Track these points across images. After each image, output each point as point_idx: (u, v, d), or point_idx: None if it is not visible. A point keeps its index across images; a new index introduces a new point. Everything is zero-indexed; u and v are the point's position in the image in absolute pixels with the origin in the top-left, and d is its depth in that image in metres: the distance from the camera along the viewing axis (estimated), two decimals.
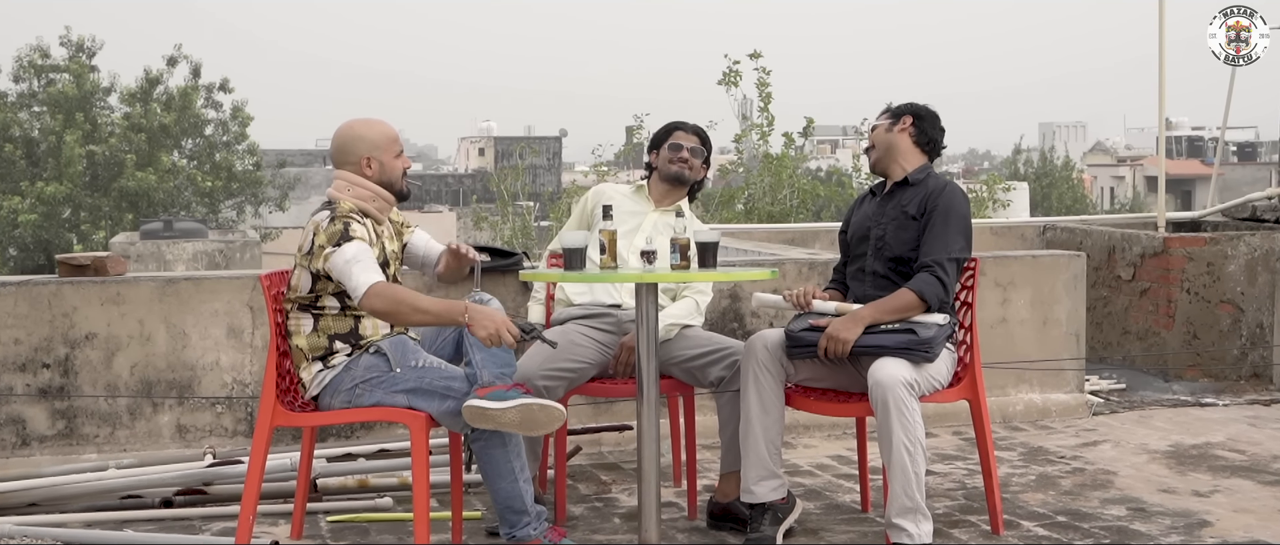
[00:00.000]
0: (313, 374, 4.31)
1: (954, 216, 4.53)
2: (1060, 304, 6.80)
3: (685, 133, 5.20)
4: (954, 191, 4.59)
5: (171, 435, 5.83)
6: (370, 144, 4.37)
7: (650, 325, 4.40)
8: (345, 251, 4.16)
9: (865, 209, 4.79)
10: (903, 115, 4.72)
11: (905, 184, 4.65)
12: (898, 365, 4.26)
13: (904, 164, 4.68)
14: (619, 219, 4.99)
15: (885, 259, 4.60)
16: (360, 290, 4.14)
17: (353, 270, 4.15)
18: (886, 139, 4.70)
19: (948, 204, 4.54)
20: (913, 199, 4.61)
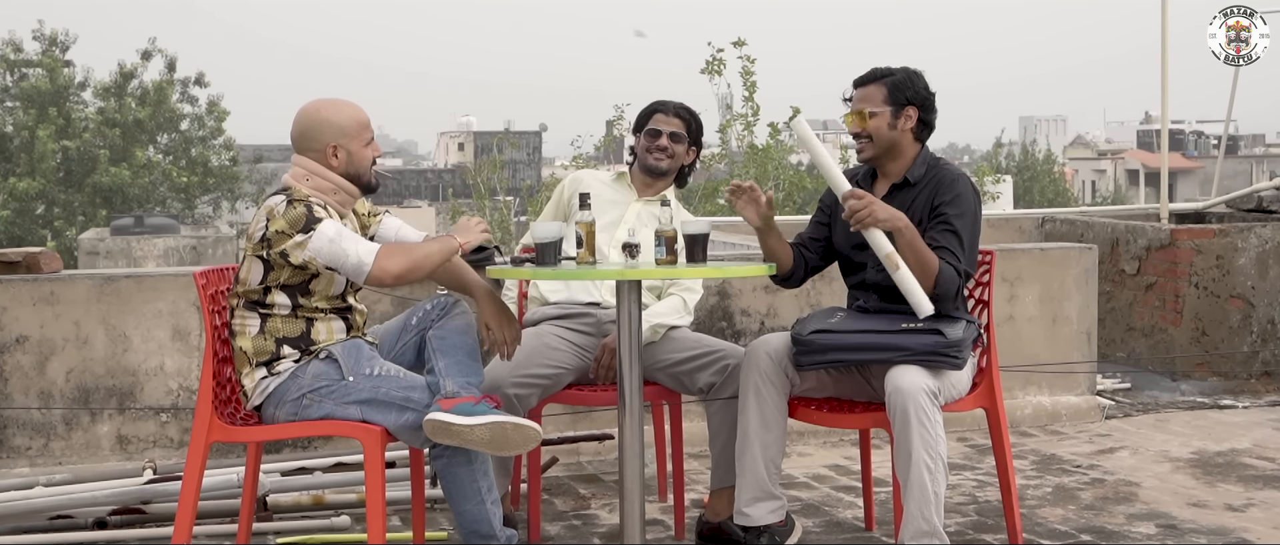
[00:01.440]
0: (255, 381, 3.84)
1: (967, 222, 3.99)
2: (1070, 300, 6.36)
3: (665, 115, 4.72)
4: (968, 190, 4.05)
5: (111, 447, 5.36)
6: (338, 130, 3.90)
7: (633, 326, 3.95)
8: (324, 231, 3.72)
9: None
10: (905, 106, 4.08)
11: (905, 184, 4.12)
12: (918, 372, 3.80)
13: (903, 161, 4.13)
14: (598, 209, 4.52)
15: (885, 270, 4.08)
16: (366, 262, 3.73)
17: (345, 247, 3.72)
18: (889, 136, 4.09)
19: (962, 206, 3.99)
20: (919, 202, 4.05)
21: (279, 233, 3.74)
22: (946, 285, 3.92)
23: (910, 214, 4.04)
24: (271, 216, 3.77)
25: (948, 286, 3.93)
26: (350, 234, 3.75)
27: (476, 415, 3.68)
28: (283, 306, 3.84)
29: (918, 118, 4.11)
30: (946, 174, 4.07)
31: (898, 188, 4.12)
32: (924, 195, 4.06)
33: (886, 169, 4.15)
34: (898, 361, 3.84)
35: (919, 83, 4.13)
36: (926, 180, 4.08)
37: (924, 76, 4.16)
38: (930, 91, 4.15)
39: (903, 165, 4.13)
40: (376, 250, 3.74)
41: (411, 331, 4.01)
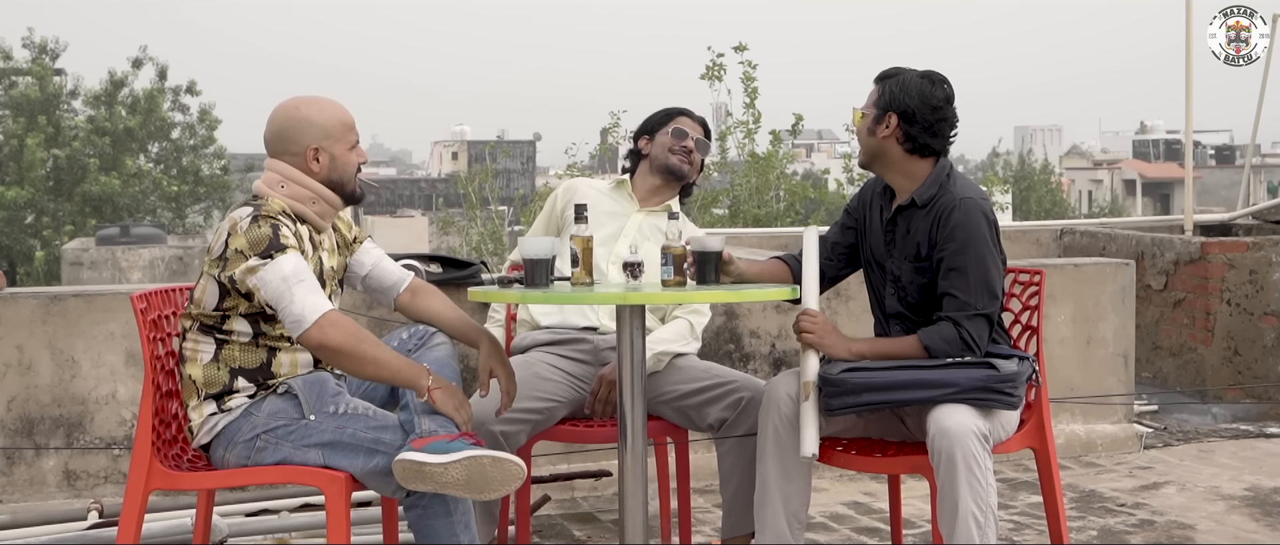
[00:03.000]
0: (203, 417, 3.35)
1: (974, 256, 3.47)
2: (1106, 321, 5.88)
3: (691, 120, 4.25)
4: (969, 218, 3.48)
5: (58, 484, 4.86)
6: (320, 131, 3.40)
7: (635, 356, 3.46)
8: (281, 266, 3.21)
9: (874, 222, 3.71)
10: (887, 112, 3.56)
11: (912, 205, 3.59)
12: (966, 412, 3.31)
13: (903, 178, 3.61)
14: (595, 221, 4.04)
15: (906, 304, 3.61)
16: (306, 320, 3.21)
17: (294, 293, 3.20)
18: (868, 143, 3.60)
19: (965, 238, 3.47)
20: (922, 228, 3.55)
21: (237, 252, 3.25)
22: (946, 353, 3.46)
23: (915, 243, 3.56)
24: (233, 232, 3.28)
25: (949, 352, 3.46)
26: (309, 281, 3.23)
27: (451, 452, 3.19)
28: (242, 334, 3.35)
29: (898, 126, 3.57)
30: (947, 199, 3.53)
31: (903, 210, 3.61)
32: (928, 224, 3.55)
33: (893, 183, 3.65)
34: (943, 400, 3.35)
35: (913, 89, 3.57)
36: (932, 204, 3.56)
37: (940, 85, 3.60)
38: (932, 103, 3.56)
39: (911, 182, 3.60)
40: (325, 312, 3.22)
41: None
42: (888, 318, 3.65)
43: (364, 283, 3.64)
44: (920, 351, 3.47)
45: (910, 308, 3.60)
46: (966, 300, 3.46)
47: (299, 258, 3.25)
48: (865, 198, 3.79)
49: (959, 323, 3.46)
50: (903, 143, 3.58)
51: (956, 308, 3.47)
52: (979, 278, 3.47)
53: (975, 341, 3.46)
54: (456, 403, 3.30)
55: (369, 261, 3.62)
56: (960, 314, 3.46)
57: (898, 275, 3.62)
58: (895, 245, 3.63)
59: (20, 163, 33.27)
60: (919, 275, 3.56)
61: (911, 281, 3.58)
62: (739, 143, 14.50)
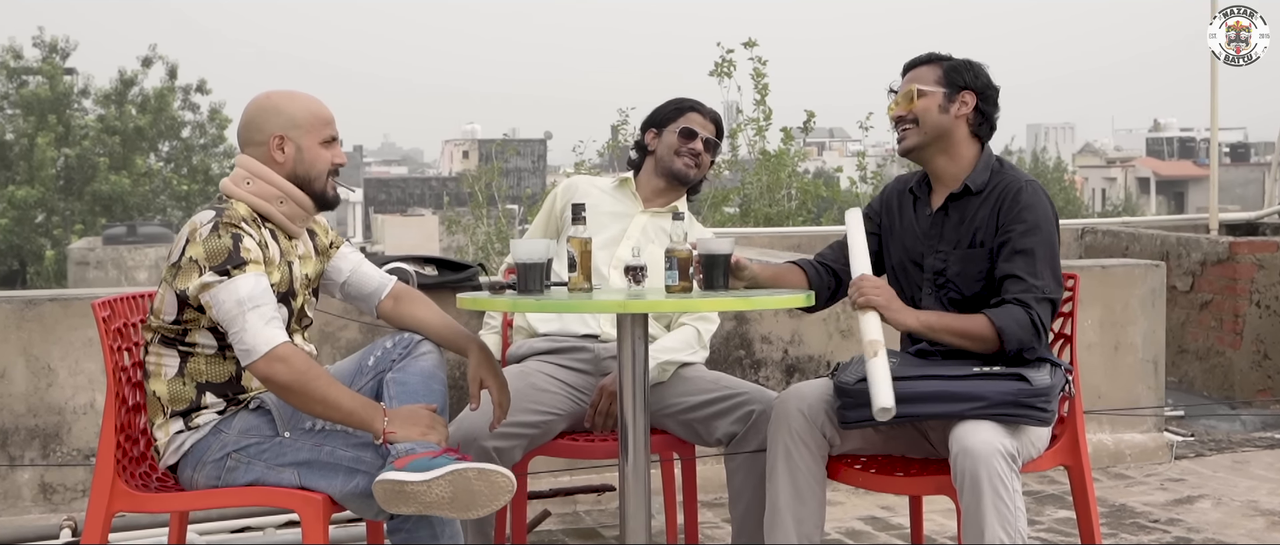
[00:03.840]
0: (169, 435, 3.10)
1: (1043, 239, 3.27)
2: (1135, 325, 5.61)
3: (702, 116, 3.95)
4: (1037, 199, 3.31)
5: (34, 498, 4.62)
6: (287, 119, 3.15)
7: (637, 366, 3.21)
8: (237, 287, 2.96)
9: (907, 220, 3.48)
10: (962, 90, 3.37)
11: (965, 193, 3.38)
12: (991, 429, 3.06)
13: (954, 164, 3.39)
14: (596, 222, 3.79)
15: (948, 299, 3.36)
16: (255, 352, 2.96)
17: (247, 320, 2.95)
18: (938, 121, 3.36)
19: (1034, 220, 3.27)
20: (982, 215, 3.32)
21: (192, 262, 3.00)
22: (1019, 337, 3.20)
23: (972, 230, 3.32)
24: (191, 239, 3.03)
25: (1014, 341, 3.21)
26: (265, 307, 2.98)
27: (434, 468, 2.94)
28: (206, 346, 3.10)
29: (975, 106, 3.39)
30: (1010, 181, 3.34)
31: (956, 198, 3.39)
32: (987, 208, 3.34)
33: (940, 171, 3.42)
34: (967, 415, 3.09)
35: (980, 71, 3.43)
36: (990, 189, 3.35)
37: (988, 69, 3.45)
38: (994, 85, 3.43)
39: (960, 168, 3.39)
40: (278, 344, 2.96)
41: (367, 375, 3.27)
42: None
43: (342, 290, 3.39)
44: (989, 331, 3.21)
45: (953, 304, 3.34)
46: (1034, 282, 3.23)
47: (258, 277, 2.99)
48: (888, 199, 3.55)
49: (1028, 304, 3.22)
50: (971, 123, 3.38)
51: (1023, 289, 3.23)
52: (1048, 260, 3.26)
53: (1043, 327, 3.24)
54: (423, 426, 3.04)
55: (347, 267, 3.37)
56: (1029, 296, 3.22)
57: (942, 269, 3.36)
58: (942, 238, 3.38)
59: (31, 162, 33.36)
60: (972, 265, 3.32)
61: (961, 272, 3.33)
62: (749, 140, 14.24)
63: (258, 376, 3.00)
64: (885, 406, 3.02)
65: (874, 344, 3.11)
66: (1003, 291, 3.26)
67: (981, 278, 3.32)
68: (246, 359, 2.98)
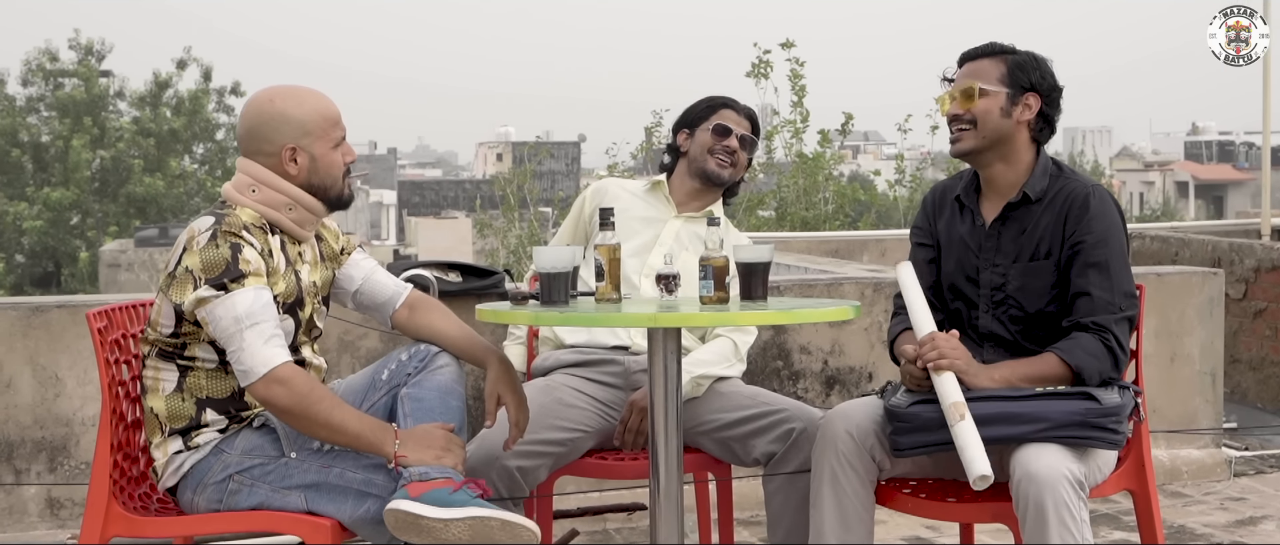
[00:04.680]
0: (168, 455, 2.90)
1: (1115, 251, 3.04)
2: (1192, 335, 5.35)
3: (736, 113, 3.73)
4: (1106, 207, 3.07)
5: (40, 513, 4.44)
6: (298, 127, 2.93)
7: (670, 382, 3.00)
8: (235, 303, 2.76)
9: (957, 230, 3.23)
10: (1027, 91, 3.11)
11: (1024, 201, 3.14)
12: (1057, 453, 2.82)
13: (1011, 170, 3.15)
14: (626, 227, 3.57)
15: (1009, 318, 3.12)
16: (253, 373, 2.77)
17: (245, 338, 2.75)
18: (999, 126, 3.10)
19: (1104, 229, 3.04)
20: (1045, 225, 3.09)
21: (188, 272, 2.80)
22: (1097, 369, 2.99)
23: (1034, 241, 3.09)
24: (189, 247, 2.83)
25: (1100, 368, 2.99)
26: (264, 324, 2.78)
27: (454, 507, 2.73)
28: (206, 361, 2.90)
29: (1039, 110, 3.14)
30: (1075, 187, 3.10)
31: (1014, 207, 3.14)
32: (1050, 217, 3.10)
33: (996, 177, 3.17)
34: (1031, 437, 2.85)
35: (1046, 69, 3.17)
36: (1051, 197, 3.11)
37: (1051, 64, 3.20)
38: (1058, 85, 3.18)
39: (1017, 174, 3.15)
40: (277, 365, 2.76)
41: (381, 390, 3.07)
42: (981, 340, 3.16)
43: (354, 299, 3.18)
44: (1065, 371, 2.99)
45: (1014, 322, 3.11)
46: (1110, 300, 3.00)
47: (258, 291, 2.79)
48: (931, 213, 3.31)
49: (1104, 328, 2.99)
50: (1033, 128, 3.14)
51: (1096, 309, 3.00)
52: (1121, 274, 3.03)
53: (1121, 350, 3.01)
54: (438, 449, 2.83)
55: (359, 275, 3.16)
56: (1104, 317, 2.99)
57: (1001, 284, 3.13)
58: (1000, 251, 3.14)
59: (66, 164, 33.56)
60: (1036, 278, 3.08)
61: (1023, 288, 3.09)
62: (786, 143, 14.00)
63: (257, 399, 2.80)
64: (983, 474, 2.78)
65: (958, 406, 2.87)
66: (1073, 311, 3.02)
67: (1047, 293, 3.08)
68: (244, 380, 2.78)
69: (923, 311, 3.05)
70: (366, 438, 2.81)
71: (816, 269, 5.81)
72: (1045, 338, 3.08)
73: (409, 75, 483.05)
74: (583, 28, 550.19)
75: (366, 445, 2.82)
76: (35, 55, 35.55)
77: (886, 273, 5.51)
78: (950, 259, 3.22)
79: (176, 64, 35.81)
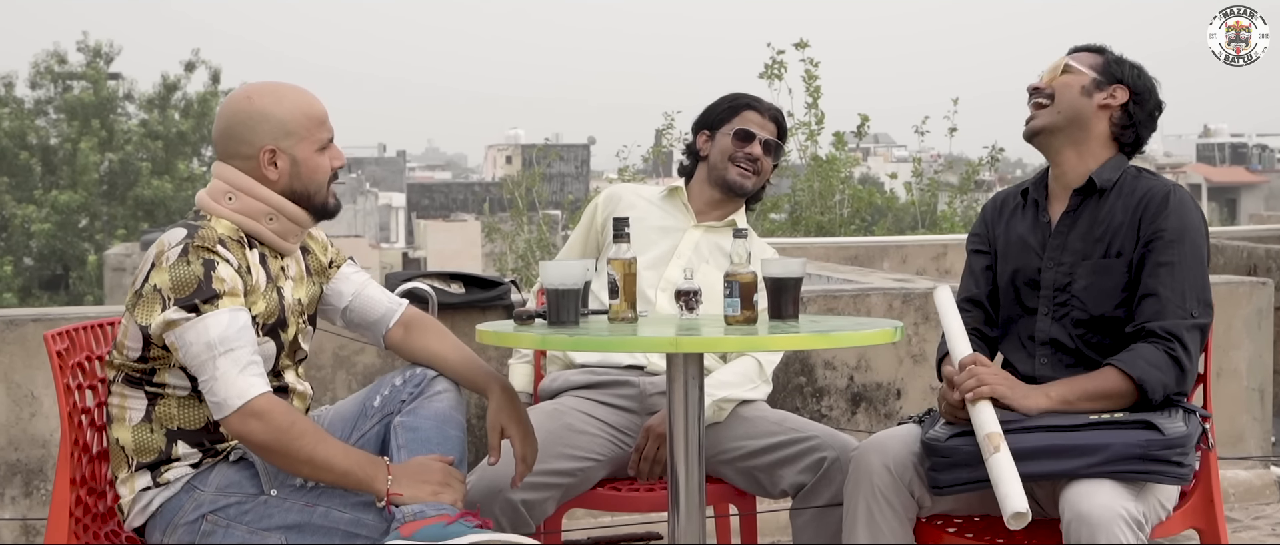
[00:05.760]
0: (134, 491, 2.63)
1: (1191, 252, 2.77)
2: (1239, 350, 5.05)
3: (760, 115, 3.43)
4: (1186, 207, 2.82)
5: (15, 539, 4.16)
6: (278, 127, 2.66)
7: (691, 410, 2.71)
8: (207, 327, 2.49)
9: (1017, 230, 2.97)
10: (1115, 83, 2.89)
11: (1091, 190, 2.87)
12: (1112, 490, 2.55)
13: (1087, 159, 2.89)
14: (643, 237, 3.29)
15: (1071, 321, 2.85)
16: (227, 406, 2.50)
17: (218, 367, 2.49)
18: (1075, 103, 2.87)
19: (1181, 227, 2.78)
20: (1118, 220, 2.83)
21: (155, 291, 2.52)
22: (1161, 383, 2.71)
23: (1107, 238, 2.82)
24: (157, 263, 2.55)
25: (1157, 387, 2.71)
26: (240, 351, 2.51)
27: (448, 540, 2.45)
28: (177, 388, 2.62)
29: (1123, 105, 2.88)
30: (1155, 184, 2.85)
31: (1082, 196, 2.87)
32: (1124, 213, 2.83)
33: (1066, 167, 2.91)
34: (1083, 473, 2.57)
35: (1145, 73, 2.95)
36: (1124, 190, 2.86)
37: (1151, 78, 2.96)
38: (1156, 94, 2.94)
39: (1085, 163, 2.89)
40: (254, 396, 2.49)
41: (372, 418, 2.79)
42: (1037, 347, 2.88)
43: (344, 317, 2.90)
44: (1126, 385, 2.71)
45: (1077, 326, 2.84)
46: (1180, 304, 2.73)
47: (233, 313, 2.52)
48: (991, 219, 3.06)
49: (1172, 335, 2.72)
50: (1117, 123, 2.90)
51: (1164, 313, 2.73)
52: (1196, 278, 2.76)
53: (1190, 360, 2.74)
54: (435, 484, 2.56)
55: (350, 290, 2.88)
56: (1172, 322, 2.72)
57: (1065, 284, 2.86)
58: (1065, 248, 2.88)
59: (74, 166, 33.48)
60: (1105, 278, 2.81)
61: (1090, 287, 2.83)
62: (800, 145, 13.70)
63: (231, 434, 2.52)
64: (1019, 511, 2.51)
65: (994, 437, 2.60)
66: (1139, 313, 2.75)
67: (1115, 295, 2.82)
68: (218, 413, 2.51)
69: (961, 343, 2.77)
70: (355, 475, 2.53)
71: (840, 279, 5.51)
72: (1109, 346, 2.81)
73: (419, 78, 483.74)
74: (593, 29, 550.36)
75: (355, 483, 2.54)
76: (43, 57, 35.54)
77: (914, 283, 5.22)
78: (1008, 262, 2.96)
79: (185, 66, 35.74)
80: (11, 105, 34.95)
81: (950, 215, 14.28)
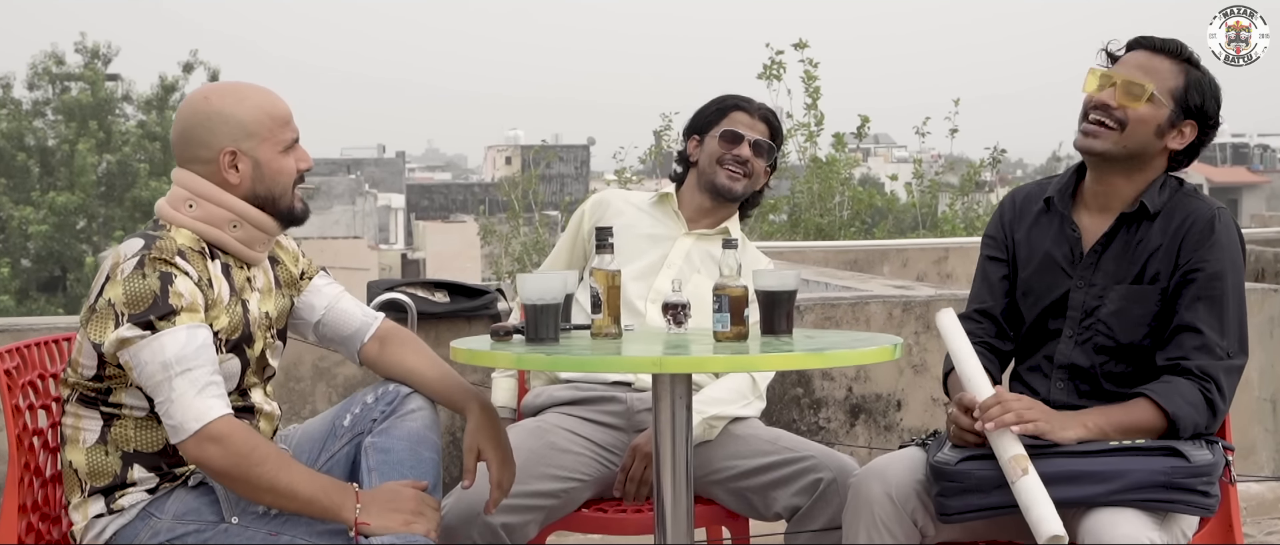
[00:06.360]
0: (87, 518, 2.48)
1: (1234, 285, 2.61)
2: (1250, 358, 4.82)
3: (749, 115, 3.27)
4: (1231, 237, 2.64)
5: None
6: (238, 128, 2.51)
7: (677, 431, 2.57)
8: (163, 345, 2.34)
9: (1043, 242, 2.77)
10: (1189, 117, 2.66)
11: (1141, 214, 2.67)
12: (1136, 521, 2.41)
13: (1135, 184, 2.69)
14: (631, 247, 3.14)
15: (1094, 347, 2.67)
16: (184, 429, 2.35)
17: (175, 388, 2.34)
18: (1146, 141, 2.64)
19: (1226, 260, 2.60)
20: (1157, 244, 2.64)
21: (109, 306, 2.38)
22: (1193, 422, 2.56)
23: (1143, 261, 2.65)
24: (112, 276, 2.40)
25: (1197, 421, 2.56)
26: (198, 370, 2.36)
27: None
28: (134, 408, 2.47)
29: (1193, 141, 2.69)
30: (1199, 208, 2.66)
31: (1128, 219, 2.68)
32: (1164, 237, 2.65)
33: (1111, 188, 2.71)
34: (1104, 500, 2.42)
35: (1218, 98, 2.72)
36: (1168, 212, 2.67)
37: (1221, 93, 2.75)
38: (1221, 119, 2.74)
39: (1135, 186, 2.70)
40: (212, 420, 2.34)
41: (342, 439, 2.63)
42: (1054, 369, 2.72)
43: (316, 331, 2.75)
44: (1159, 420, 2.55)
45: (1100, 352, 2.67)
46: (1217, 342, 2.57)
47: (192, 330, 2.37)
48: (1009, 220, 2.84)
49: (1209, 376, 2.56)
50: (1178, 154, 2.70)
51: (1201, 350, 2.57)
52: (1237, 316, 2.60)
53: (1223, 403, 2.59)
54: (408, 513, 2.41)
55: (322, 303, 2.73)
56: (1209, 362, 2.56)
57: (1095, 308, 2.68)
58: (1098, 268, 2.69)
59: (71, 168, 33.40)
60: (1138, 304, 2.64)
61: (1120, 312, 2.65)
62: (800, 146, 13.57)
63: (189, 459, 2.38)
64: (1056, 534, 2.36)
65: (1020, 460, 2.44)
66: (1172, 346, 2.59)
67: (1146, 323, 2.65)
68: (174, 437, 2.36)
69: (974, 368, 2.59)
70: (320, 502, 2.39)
71: (838, 286, 5.37)
72: (1130, 374, 2.64)
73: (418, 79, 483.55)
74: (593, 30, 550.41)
75: (321, 512, 2.40)
76: (41, 59, 35.46)
77: (915, 290, 5.08)
78: (1031, 276, 2.77)
79: (183, 67, 35.64)
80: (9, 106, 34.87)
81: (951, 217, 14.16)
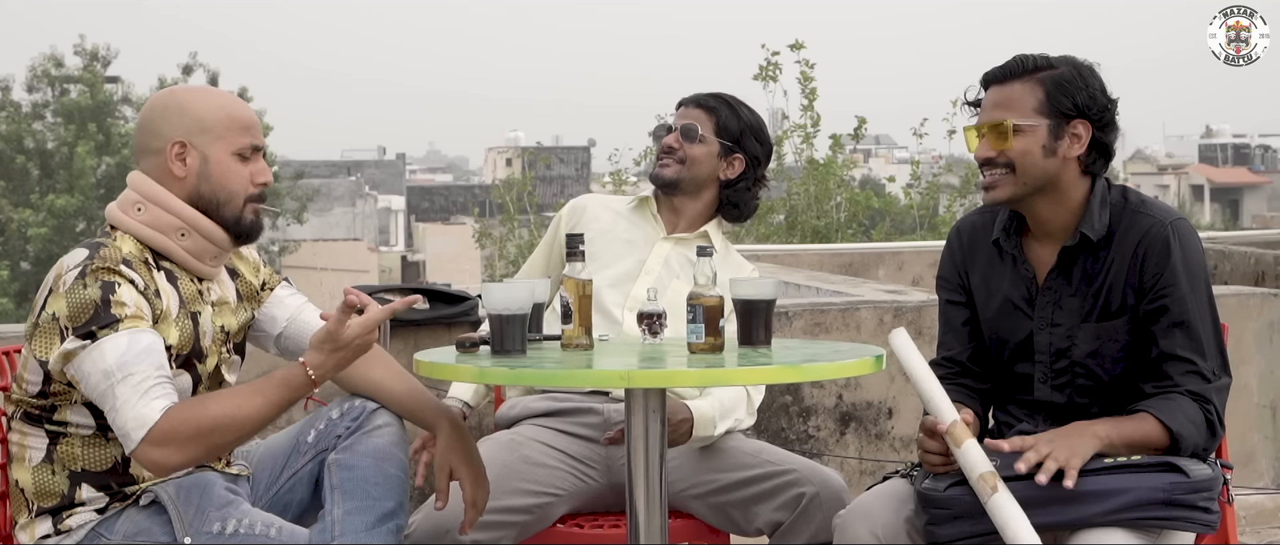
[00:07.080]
0: (34, 539, 2.38)
1: (1204, 301, 2.49)
2: (1249, 364, 4.80)
3: (685, 108, 3.20)
4: (1192, 249, 2.50)
5: None
6: (193, 122, 2.42)
7: (651, 448, 2.47)
8: (103, 353, 2.24)
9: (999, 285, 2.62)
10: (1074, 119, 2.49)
11: (1084, 246, 2.53)
12: (1126, 539, 2.32)
13: (1067, 205, 2.53)
14: (608, 252, 3.05)
15: (1078, 390, 2.56)
16: (131, 437, 2.25)
17: (118, 395, 2.23)
18: (1042, 168, 2.49)
19: (1191, 278, 2.48)
20: (1115, 272, 2.50)
21: (53, 319, 2.28)
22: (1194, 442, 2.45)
23: (1104, 294, 2.51)
24: (55, 288, 2.31)
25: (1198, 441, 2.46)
26: (139, 374, 2.25)
27: None
28: (81, 426, 2.37)
29: (1090, 139, 2.52)
30: (1151, 225, 2.50)
31: (1072, 252, 2.54)
32: (1120, 262, 2.50)
33: (1042, 218, 2.56)
34: (1096, 520, 2.32)
35: (1092, 81, 2.54)
36: (1120, 234, 2.52)
37: (1099, 72, 2.58)
38: (1112, 99, 2.55)
39: (1068, 213, 2.54)
40: (153, 424, 2.23)
41: (305, 455, 2.54)
42: (1033, 410, 2.61)
43: (278, 344, 2.65)
44: (1163, 436, 2.44)
45: (1083, 395, 2.55)
46: (1203, 366, 2.46)
47: (133, 336, 2.27)
48: (960, 261, 2.69)
49: (1205, 398, 2.46)
50: (1084, 161, 2.53)
51: (1189, 374, 2.46)
52: (1213, 334, 2.50)
53: (1221, 425, 2.49)
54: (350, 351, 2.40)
55: (284, 315, 2.63)
56: (1202, 386, 2.47)
57: (1064, 349, 2.55)
58: (1059, 307, 2.55)
59: (71, 170, 33.41)
60: (1110, 341, 2.51)
61: (1096, 352, 2.52)
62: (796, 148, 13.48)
63: (145, 467, 2.28)
64: None
65: (988, 477, 2.33)
66: (1161, 375, 2.48)
67: (1122, 356, 2.53)
68: (127, 447, 2.26)
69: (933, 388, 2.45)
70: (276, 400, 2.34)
71: (829, 291, 5.27)
72: (1120, 404, 2.53)
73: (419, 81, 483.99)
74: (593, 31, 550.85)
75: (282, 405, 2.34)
76: (40, 61, 35.50)
77: (907, 294, 4.98)
78: (993, 318, 2.63)
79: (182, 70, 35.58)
80: (8, 109, 34.86)
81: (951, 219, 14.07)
